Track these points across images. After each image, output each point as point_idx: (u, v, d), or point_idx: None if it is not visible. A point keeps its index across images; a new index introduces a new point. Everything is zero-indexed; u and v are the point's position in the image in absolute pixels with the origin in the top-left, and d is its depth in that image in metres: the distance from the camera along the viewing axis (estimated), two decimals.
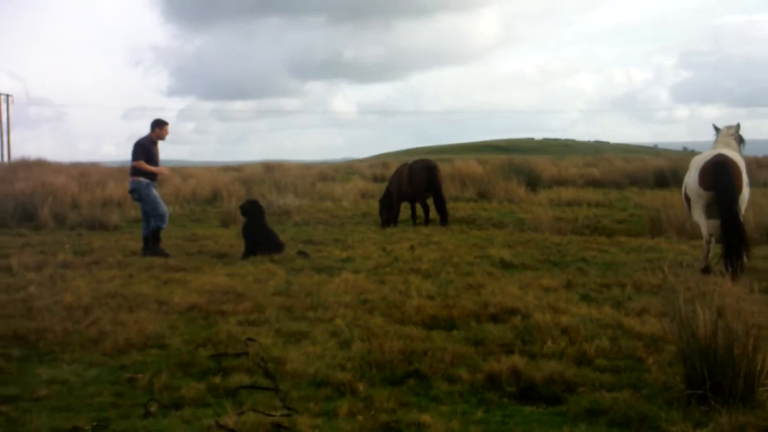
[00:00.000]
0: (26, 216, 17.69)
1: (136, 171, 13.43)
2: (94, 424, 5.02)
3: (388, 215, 17.75)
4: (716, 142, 11.26)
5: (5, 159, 45.23)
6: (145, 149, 13.42)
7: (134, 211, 20.35)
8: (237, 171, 32.14)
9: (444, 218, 17.07)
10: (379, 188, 24.87)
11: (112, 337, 7.08)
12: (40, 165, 30.25)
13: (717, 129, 11.55)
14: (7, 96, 52.08)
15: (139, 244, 14.07)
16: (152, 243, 13.27)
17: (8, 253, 12.77)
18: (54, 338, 7.11)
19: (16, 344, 6.98)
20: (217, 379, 5.90)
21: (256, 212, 13.18)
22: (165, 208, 13.59)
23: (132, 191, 13.65)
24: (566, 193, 23.28)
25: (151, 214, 13.42)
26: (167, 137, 13.93)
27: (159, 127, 13.65)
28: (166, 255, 12.79)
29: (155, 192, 13.52)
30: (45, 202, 18.17)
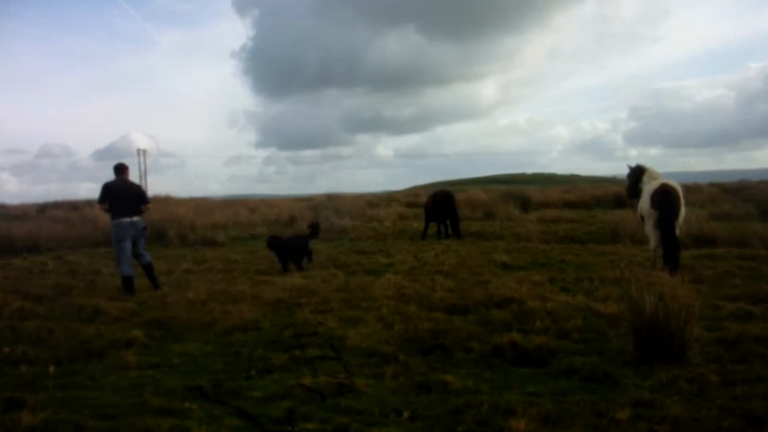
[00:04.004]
0: (159, 237, 17.88)
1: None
2: (212, 383, 5.18)
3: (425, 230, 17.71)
4: (651, 175, 10.92)
5: None
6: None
7: (234, 231, 20.53)
8: (307, 201, 32.27)
9: (457, 234, 16.93)
10: (413, 212, 24.81)
11: (221, 322, 7.22)
12: (168, 200, 30.67)
13: (629, 166, 11.35)
14: (144, 150, 54.20)
15: (239, 256, 14.16)
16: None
17: None
18: (182, 323, 7.29)
19: (156, 327, 7.17)
20: (297, 352, 6.00)
21: (279, 243, 12.04)
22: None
23: (144, 228, 10.00)
24: (550, 213, 22.98)
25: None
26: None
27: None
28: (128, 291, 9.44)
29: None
30: (172, 227, 18.45)
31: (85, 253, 15.40)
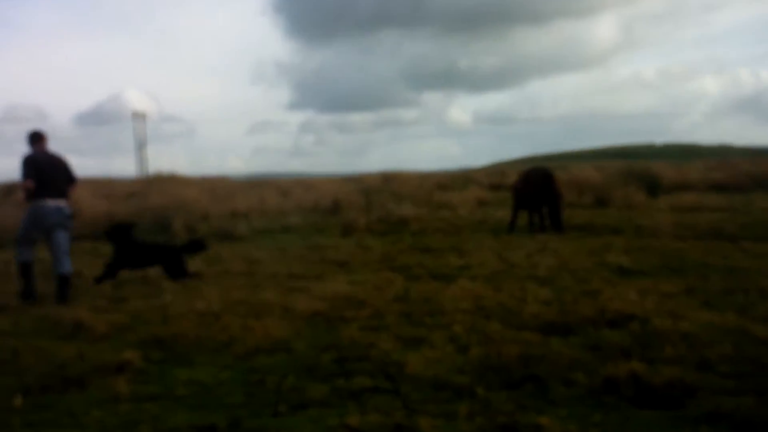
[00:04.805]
0: (161, 228, 18.23)
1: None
2: (229, 421, 5.22)
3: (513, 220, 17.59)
4: None
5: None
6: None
7: (260, 221, 20.73)
8: (357, 182, 32.45)
9: (556, 226, 16.75)
10: (496, 197, 24.71)
11: (241, 341, 7.31)
12: (173, 179, 31.27)
13: None
14: (142, 114, 54.27)
15: (264, 254, 14.31)
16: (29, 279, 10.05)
17: None
18: (189, 342, 7.41)
19: (155, 348, 7.30)
20: (341, 382, 6.02)
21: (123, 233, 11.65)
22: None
23: (70, 216, 10.43)
24: (687, 198, 22.58)
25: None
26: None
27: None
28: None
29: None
30: (177, 215, 18.82)
31: None
